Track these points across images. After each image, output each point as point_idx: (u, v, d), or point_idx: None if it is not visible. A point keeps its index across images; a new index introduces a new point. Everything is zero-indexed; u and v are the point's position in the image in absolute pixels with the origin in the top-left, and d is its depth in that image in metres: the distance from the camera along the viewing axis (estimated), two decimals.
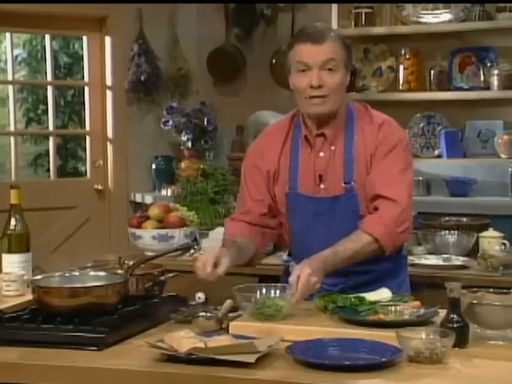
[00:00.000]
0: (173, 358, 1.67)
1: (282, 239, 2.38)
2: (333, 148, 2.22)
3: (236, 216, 2.35)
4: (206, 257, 2.06)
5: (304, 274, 1.98)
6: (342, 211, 2.20)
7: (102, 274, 2.08)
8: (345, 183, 2.20)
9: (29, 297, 2.06)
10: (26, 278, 2.22)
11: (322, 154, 2.22)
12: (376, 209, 2.17)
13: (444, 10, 4.11)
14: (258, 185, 2.28)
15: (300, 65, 2.15)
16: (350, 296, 2.02)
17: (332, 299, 2.01)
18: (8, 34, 4.48)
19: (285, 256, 2.45)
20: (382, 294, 2.05)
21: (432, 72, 4.16)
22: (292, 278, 2.00)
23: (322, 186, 2.22)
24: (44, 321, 1.86)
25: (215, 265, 2.04)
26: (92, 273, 2.10)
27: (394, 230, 2.15)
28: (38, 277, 2.04)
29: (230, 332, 1.85)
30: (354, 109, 2.26)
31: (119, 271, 2.09)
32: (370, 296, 2.03)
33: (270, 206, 2.29)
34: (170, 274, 2.23)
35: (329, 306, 2.00)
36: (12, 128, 4.51)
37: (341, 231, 2.16)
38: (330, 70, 2.13)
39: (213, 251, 2.08)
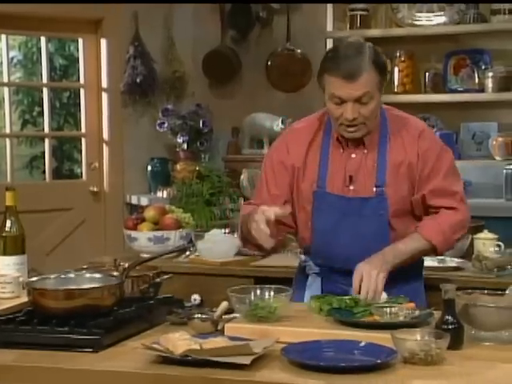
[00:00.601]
0: (168, 360, 1.67)
1: (301, 238, 2.36)
2: (365, 151, 2.22)
3: (254, 203, 2.32)
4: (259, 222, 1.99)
5: (366, 272, 2.04)
6: (370, 214, 2.20)
7: (98, 275, 2.07)
8: (376, 186, 2.20)
9: (24, 299, 2.05)
10: (21, 279, 2.22)
11: (354, 156, 2.22)
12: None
13: (439, 13, 4.12)
14: (280, 181, 2.27)
15: (334, 97, 2.12)
16: (344, 298, 2.02)
17: (327, 301, 2.01)
18: (3, 36, 4.47)
19: (302, 256, 2.43)
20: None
21: (427, 74, 4.18)
22: (355, 283, 2.04)
23: (351, 187, 2.22)
24: (39, 323, 1.86)
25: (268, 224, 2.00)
26: (87, 275, 2.09)
27: (451, 236, 2.23)
28: (34, 279, 2.04)
29: (225, 334, 1.85)
30: (386, 111, 2.26)
31: (115, 273, 2.08)
32: None
33: (286, 203, 2.27)
34: (166, 276, 2.23)
35: (324, 307, 2.00)
36: (7, 130, 4.51)
37: (367, 234, 2.18)
38: (364, 103, 2.11)
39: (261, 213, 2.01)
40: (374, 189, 2.20)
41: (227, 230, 3.20)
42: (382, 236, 2.21)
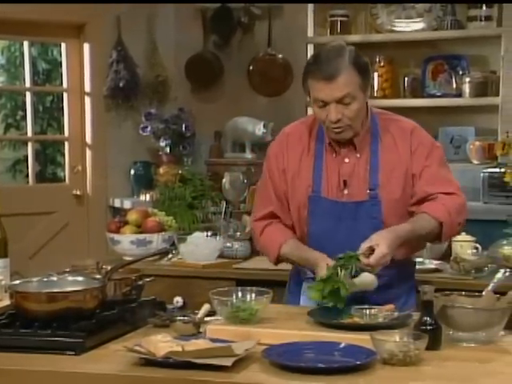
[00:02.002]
0: (150, 362, 1.68)
1: None
2: (358, 155, 2.24)
3: (278, 218, 2.33)
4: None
5: (382, 252, 2.04)
6: (364, 217, 2.22)
7: (80, 278, 2.08)
8: (370, 190, 2.22)
9: (6, 302, 2.06)
10: (3, 283, 2.22)
11: (347, 160, 2.25)
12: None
13: (417, 19, 4.17)
14: (285, 189, 2.30)
15: (317, 100, 2.15)
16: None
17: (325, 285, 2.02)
18: None
19: None
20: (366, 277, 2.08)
21: (406, 79, 4.22)
22: (364, 246, 2.05)
23: (345, 192, 2.24)
24: (22, 326, 1.87)
25: None
26: (70, 278, 2.10)
27: (455, 219, 2.22)
28: (16, 282, 2.04)
29: (207, 336, 1.87)
30: (378, 116, 2.28)
31: (97, 276, 2.09)
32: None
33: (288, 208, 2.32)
34: (148, 279, 2.24)
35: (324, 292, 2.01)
36: None
37: (361, 237, 2.17)
38: (346, 103, 2.13)
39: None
40: (368, 191, 2.23)
41: (209, 233, 3.22)
42: None
